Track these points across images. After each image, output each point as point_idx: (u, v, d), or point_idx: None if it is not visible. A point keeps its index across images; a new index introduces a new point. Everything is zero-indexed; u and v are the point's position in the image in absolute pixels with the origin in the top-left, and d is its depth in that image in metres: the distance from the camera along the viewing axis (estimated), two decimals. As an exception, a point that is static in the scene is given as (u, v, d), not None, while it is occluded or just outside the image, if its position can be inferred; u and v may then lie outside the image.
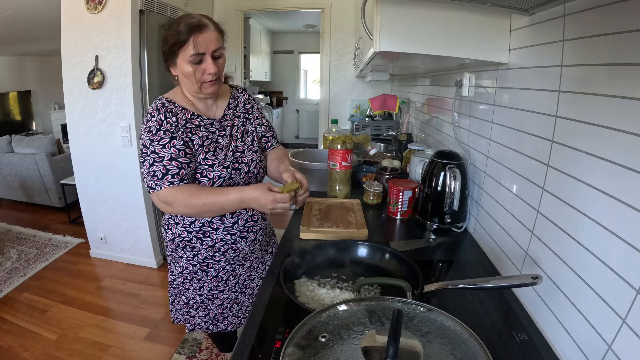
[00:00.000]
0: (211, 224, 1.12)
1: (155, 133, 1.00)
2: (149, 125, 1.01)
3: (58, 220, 3.71)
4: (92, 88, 2.44)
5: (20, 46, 4.86)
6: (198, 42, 0.97)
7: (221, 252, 1.16)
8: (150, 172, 0.99)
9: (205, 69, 1.01)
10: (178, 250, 1.16)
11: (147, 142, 1.00)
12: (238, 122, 1.19)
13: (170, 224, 1.15)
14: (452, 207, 1.18)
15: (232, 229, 1.14)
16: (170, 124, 1.01)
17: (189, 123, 1.06)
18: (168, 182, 0.98)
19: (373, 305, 0.63)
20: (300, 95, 7.51)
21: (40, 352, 1.95)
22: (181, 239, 1.14)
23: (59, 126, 6.10)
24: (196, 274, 1.18)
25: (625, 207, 0.57)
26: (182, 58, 1.01)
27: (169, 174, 0.98)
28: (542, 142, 0.82)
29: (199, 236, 1.13)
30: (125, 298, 2.45)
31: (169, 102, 1.06)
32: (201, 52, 0.99)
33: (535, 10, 0.85)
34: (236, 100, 1.22)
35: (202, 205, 0.98)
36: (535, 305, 0.83)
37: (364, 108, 3.53)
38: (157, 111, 1.02)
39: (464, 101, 1.37)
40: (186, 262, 1.17)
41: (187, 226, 1.12)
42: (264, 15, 5.34)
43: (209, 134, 1.09)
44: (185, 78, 1.04)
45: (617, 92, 0.59)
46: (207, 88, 1.05)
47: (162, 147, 0.99)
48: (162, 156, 0.99)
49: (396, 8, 0.94)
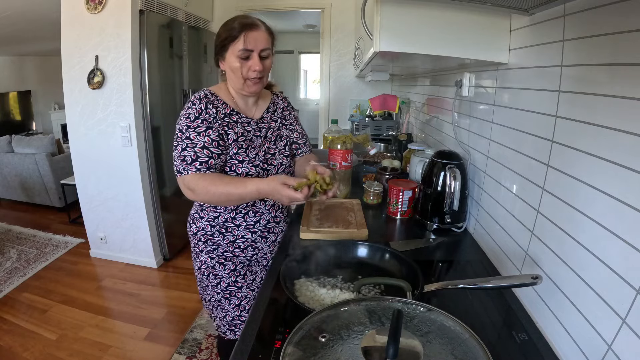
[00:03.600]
0: (234, 220, 1.16)
1: (193, 120, 1.03)
2: (189, 112, 1.04)
3: (58, 220, 3.70)
4: (92, 88, 2.44)
5: (20, 46, 4.86)
6: (248, 38, 1.01)
7: (241, 248, 1.20)
8: (181, 157, 1.01)
9: (251, 65, 1.04)
10: (199, 245, 1.20)
11: (184, 127, 1.02)
12: (274, 125, 1.22)
13: (195, 218, 1.20)
14: (452, 207, 1.18)
15: (254, 227, 1.18)
16: (209, 115, 1.04)
17: (227, 117, 1.10)
18: (195, 169, 1.01)
19: (373, 305, 0.63)
20: (300, 95, 7.51)
21: (40, 352, 1.95)
22: (204, 232, 1.18)
23: (59, 126, 6.11)
24: (214, 267, 1.20)
25: (625, 207, 0.57)
26: (231, 52, 1.04)
27: (198, 160, 1.01)
28: (542, 142, 0.82)
29: (222, 230, 1.17)
30: (125, 298, 2.45)
31: (212, 95, 1.10)
32: (249, 49, 1.02)
33: (535, 10, 0.85)
34: (275, 105, 1.26)
35: (220, 194, 1.00)
36: (535, 305, 0.83)
37: (364, 108, 3.53)
38: (200, 100, 1.05)
39: (464, 101, 1.37)
40: (206, 256, 1.20)
41: (211, 220, 1.17)
42: (264, 15, 5.33)
43: (245, 131, 1.12)
44: (232, 72, 1.07)
45: (617, 92, 0.59)
46: (250, 86, 1.08)
47: (197, 135, 1.02)
48: (195, 143, 1.01)
49: (396, 8, 0.94)
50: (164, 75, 2.64)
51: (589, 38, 0.67)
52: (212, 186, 0.99)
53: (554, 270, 0.76)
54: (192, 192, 1.02)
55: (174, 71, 2.77)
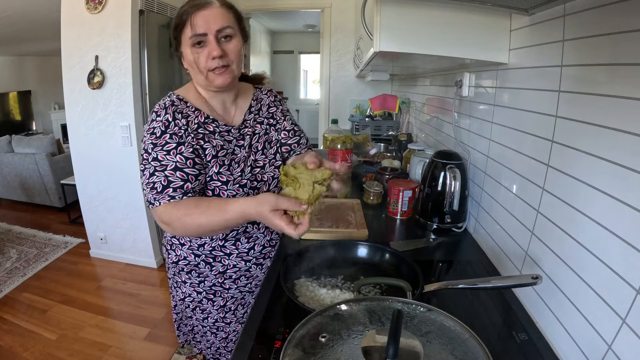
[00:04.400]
0: (223, 249, 0.99)
1: (160, 136, 0.84)
2: (153, 126, 0.85)
3: (58, 220, 3.71)
4: (92, 88, 2.44)
5: (20, 46, 4.86)
6: (196, 20, 0.82)
7: (232, 279, 1.03)
8: (150, 184, 0.82)
9: (208, 51, 0.84)
10: (182, 275, 1.01)
11: (150, 147, 0.84)
12: (260, 129, 1.01)
13: (174, 245, 1.00)
14: (452, 207, 1.18)
15: (247, 255, 1.02)
16: (178, 127, 0.85)
17: (202, 128, 0.90)
18: (168, 197, 0.82)
19: (373, 305, 0.63)
20: (300, 95, 7.51)
21: (40, 352, 1.95)
22: (187, 262, 0.99)
23: (59, 126, 6.11)
24: (200, 302, 1.03)
25: (625, 207, 0.57)
26: (185, 43, 0.86)
27: (171, 186, 0.82)
28: (542, 142, 0.82)
29: (208, 260, 0.99)
30: (125, 298, 2.45)
31: (180, 101, 0.90)
32: (200, 33, 0.82)
33: (535, 10, 0.85)
34: (259, 102, 1.04)
35: (199, 226, 0.78)
36: (535, 305, 0.83)
37: (364, 108, 3.53)
38: (165, 110, 0.86)
39: (464, 101, 1.37)
40: (190, 289, 1.02)
41: (194, 249, 0.98)
42: (264, 15, 5.34)
43: (225, 142, 0.93)
44: (191, 67, 0.89)
45: (617, 92, 0.59)
46: (214, 78, 0.87)
47: (166, 154, 0.83)
48: (165, 165, 0.82)
49: (396, 8, 0.94)
50: (164, 75, 2.65)
51: (589, 38, 0.67)
52: (187, 217, 0.78)
53: (554, 270, 0.76)
54: (168, 226, 0.82)
55: (174, 71, 2.78)
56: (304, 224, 0.70)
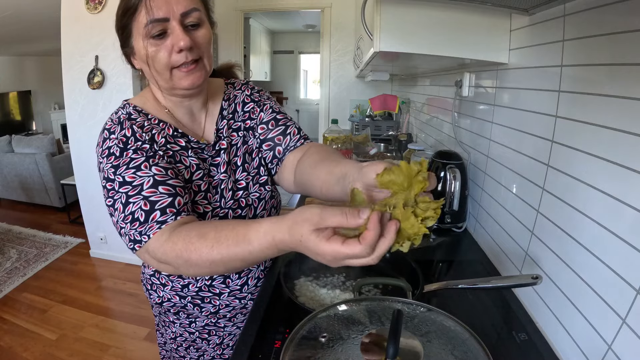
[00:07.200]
0: (212, 288, 0.81)
1: (121, 154, 0.64)
2: (108, 145, 0.65)
3: (58, 220, 3.71)
4: (92, 88, 2.44)
5: (20, 46, 4.86)
6: (153, 2, 0.61)
7: (227, 317, 0.88)
8: (128, 217, 0.61)
9: (173, 43, 0.63)
10: (169, 315, 0.86)
11: (110, 172, 0.63)
12: (236, 138, 0.80)
13: (155, 285, 0.82)
14: (452, 207, 1.18)
15: (241, 292, 0.85)
16: (142, 141, 0.66)
17: (171, 144, 0.71)
18: (157, 223, 0.60)
19: (373, 305, 0.63)
20: (300, 95, 7.51)
21: (40, 352, 1.95)
22: (172, 304, 0.83)
23: (59, 126, 6.10)
24: (194, 342, 0.89)
25: (625, 207, 0.57)
26: (137, 34, 0.65)
27: (157, 208, 0.60)
28: (542, 142, 0.82)
29: (196, 302, 0.82)
30: (125, 298, 2.45)
31: (139, 113, 0.71)
32: (160, 18, 0.61)
33: (535, 10, 0.85)
34: (232, 102, 0.82)
35: (211, 264, 0.55)
36: (535, 305, 0.83)
37: (364, 108, 3.53)
38: (120, 125, 0.66)
39: (464, 101, 1.37)
40: (181, 329, 0.87)
41: (177, 290, 0.80)
42: (264, 15, 5.33)
43: (200, 162, 0.74)
44: (148, 67, 0.67)
45: (617, 92, 0.59)
46: (181, 78, 0.66)
47: (135, 171, 0.63)
48: (140, 184, 0.62)
49: (396, 8, 0.94)
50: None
51: (589, 38, 0.67)
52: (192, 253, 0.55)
53: (554, 270, 0.76)
54: (169, 265, 0.60)
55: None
56: (387, 239, 0.44)
